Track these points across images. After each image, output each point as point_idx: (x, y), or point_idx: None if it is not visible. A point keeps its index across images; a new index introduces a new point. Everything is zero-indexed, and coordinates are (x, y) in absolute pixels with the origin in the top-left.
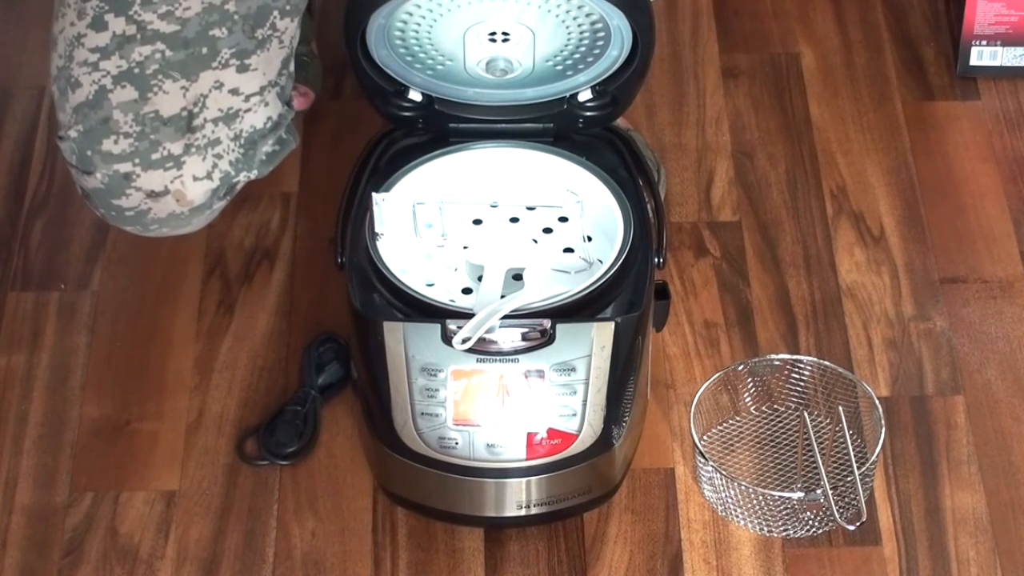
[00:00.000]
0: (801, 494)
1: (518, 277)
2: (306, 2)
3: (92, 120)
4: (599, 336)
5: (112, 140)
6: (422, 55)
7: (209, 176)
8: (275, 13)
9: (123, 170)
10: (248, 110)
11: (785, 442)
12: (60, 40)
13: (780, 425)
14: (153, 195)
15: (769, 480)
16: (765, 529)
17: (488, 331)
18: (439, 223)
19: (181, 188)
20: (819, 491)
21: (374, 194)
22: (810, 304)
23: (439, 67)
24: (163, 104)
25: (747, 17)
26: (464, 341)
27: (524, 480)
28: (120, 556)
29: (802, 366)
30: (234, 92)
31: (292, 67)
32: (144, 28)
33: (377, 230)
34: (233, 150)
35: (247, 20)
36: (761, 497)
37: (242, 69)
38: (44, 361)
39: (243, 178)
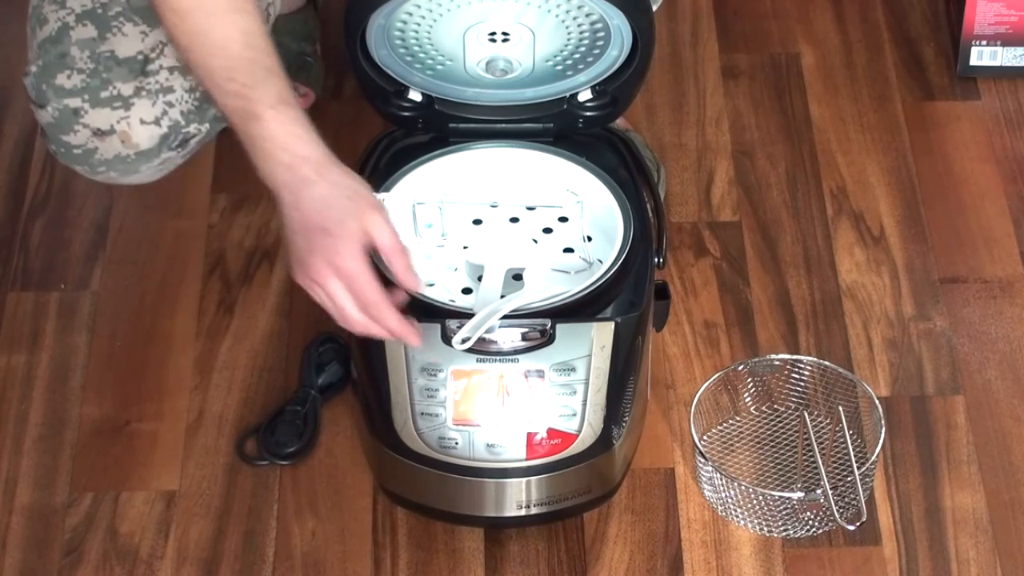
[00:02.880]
0: (801, 494)
1: (518, 277)
2: None
3: (51, 55)
4: (599, 336)
5: (66, 75)
6: (422, 55)
7: (157, 122)
8: None
9: (72, 105)
10: None
11: (785, 442)
12: None
13: (780, 425)
14: (99, 133)
15: (769, 480)
16: (765, 529)
17: (488, 331)
18: (439, 223)
19: (127, 129)
20: (819, 491)
21: (375, 194)
22: (810, 304)
23: (439, 67)
24: (120, 45)
25: (747, 17)
26: (464, 341)
27: (524, 480)
28: (120, 556)
29: (802, 366)
30: None
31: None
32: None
33: None
34: (186, 101)
35: None
36: (761, 497)
37: None
38: (44, 361)
39: (194, 130)
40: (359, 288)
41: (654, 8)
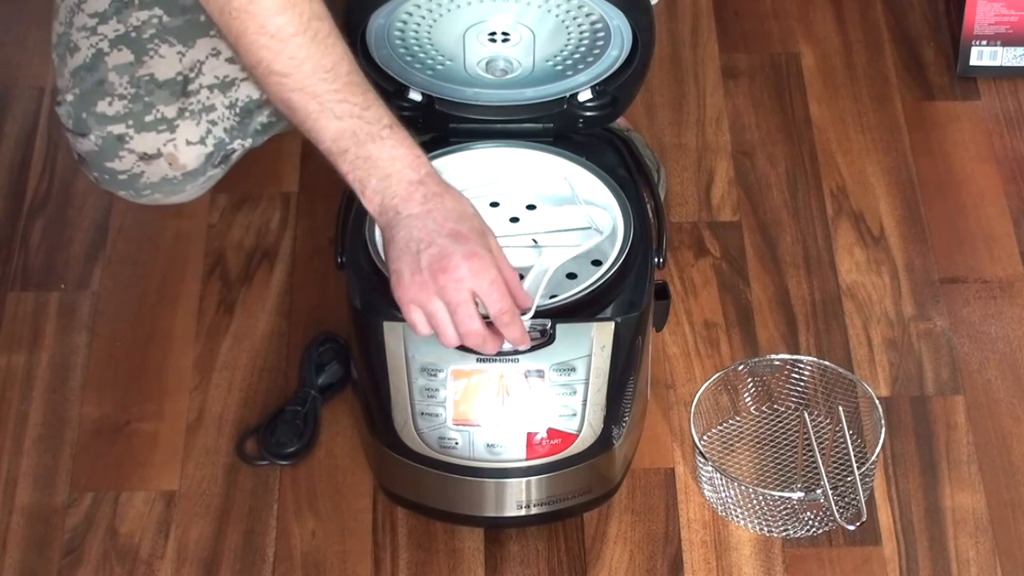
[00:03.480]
0: (801, 494)
1: (519, 277)
2: None
3: (88, 83)
4: (599, 336)
5: (107, 102)
6: (422, 55)
7: (203, 141)
8: None
9: (116, 132)
10: (245, 79)
11: (785, 442)
12: (62, 8)
13: (780, 425)
14: (146, 157)
15: (769, 480)
16: (765, 529)
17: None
18: None
19: (174, 151)
20: (819, 491)
21: None
22: (810, 304)
23: (439, 67)
24: (158, 68)
25: (747, 17)
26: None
27: (524, 480)
28: (120, 556)
29: (802, 366)
30: (231, 60)
31: None
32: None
33: None
34: (228, 118)
35: None
36: (761, 497)
37: None
38: (44, 361)
39: (238, 146)
40: (499, 292)
41: (652, 2)
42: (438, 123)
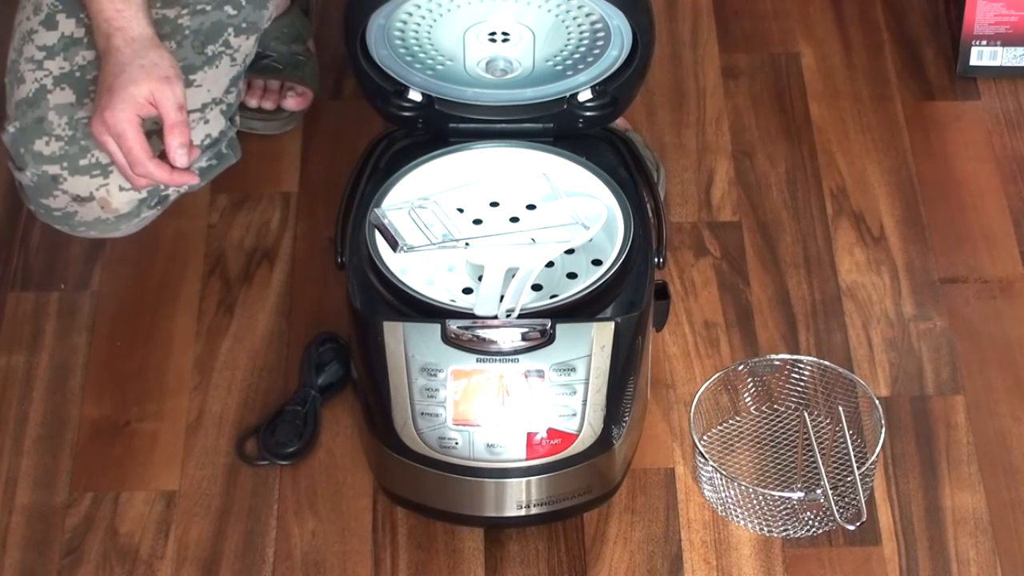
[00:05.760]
0: (801, 494)
1: None
2: (266, 20)
3: (29, 118)
4: (599, 336)
5: (44, 141)
6: (422, 55)
7: (136, 187)
8: (230, 30)
9: (51, 172)
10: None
11: (785, 442)
12: (16, 33)
13: (780, 425)
14: (79, 199)
15: (769, 480)
16: (765, 529)
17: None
18: (439, 223)
19: (106, 196)
20: (819, 491)
21: (383, 210)
22: (810, 304)
23: (439, 67)
24: None
25: (747, 17)
26: (509, 313)
27: (524, 480)
28: (120, 556)
29: (802, 366)
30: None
31: (242, 84)
32: (92, 33)
33: (402, 244)
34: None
35: (198, 35)
36: (761, 497)
37: (186, 84)
38: (44, 361)
39: (172, 192)
40: (125, 145)
41: None
42: (438, 123)
